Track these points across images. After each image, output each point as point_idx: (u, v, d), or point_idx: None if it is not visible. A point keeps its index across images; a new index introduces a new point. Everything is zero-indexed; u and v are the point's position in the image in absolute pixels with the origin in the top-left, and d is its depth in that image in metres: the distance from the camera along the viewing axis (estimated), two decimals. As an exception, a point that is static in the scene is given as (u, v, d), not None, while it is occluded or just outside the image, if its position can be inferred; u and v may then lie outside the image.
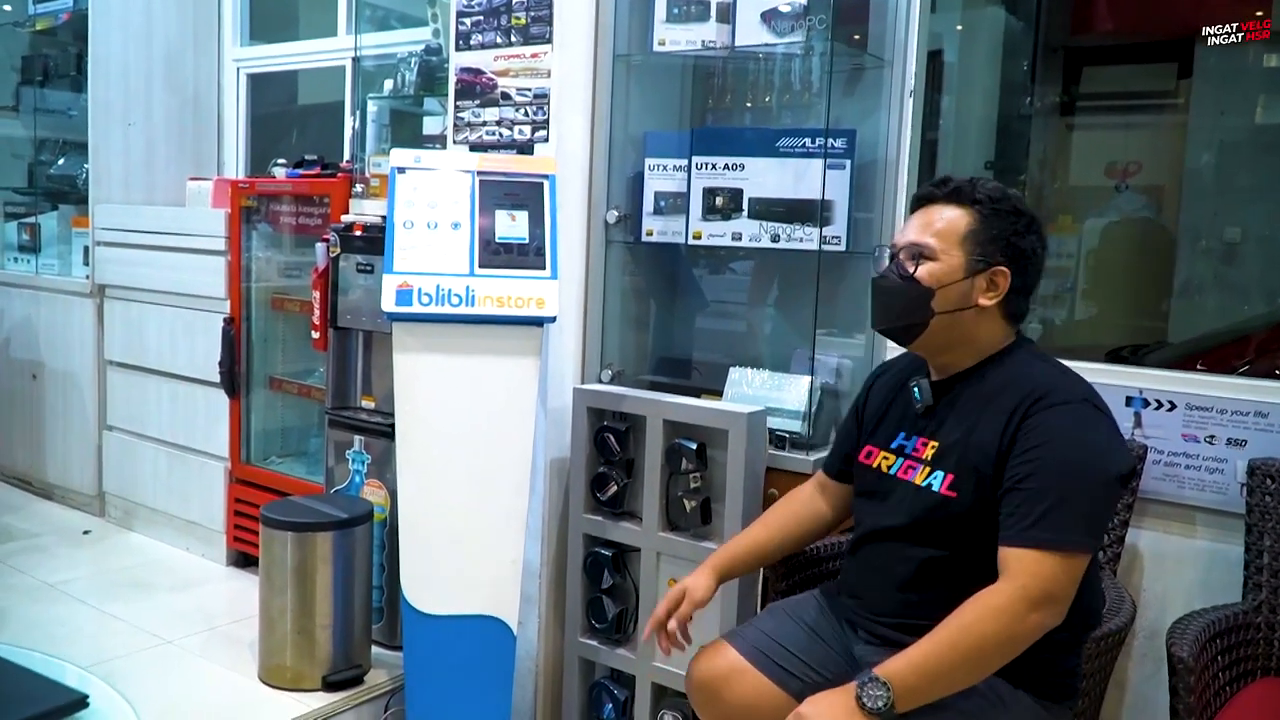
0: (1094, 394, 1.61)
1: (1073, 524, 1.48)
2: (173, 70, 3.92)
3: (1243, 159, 3.45)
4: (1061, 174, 3.89)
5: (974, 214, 1.65)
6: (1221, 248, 3.51)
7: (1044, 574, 1.46)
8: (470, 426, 2.21)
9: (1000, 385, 1.63)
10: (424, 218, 2.21)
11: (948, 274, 1.64)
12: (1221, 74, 3.49)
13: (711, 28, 2.48)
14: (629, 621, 2.51)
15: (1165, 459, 2.15)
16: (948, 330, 1.67)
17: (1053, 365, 1.66)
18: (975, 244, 1.64)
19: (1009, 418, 1.57)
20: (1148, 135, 3.74)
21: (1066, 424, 1.53)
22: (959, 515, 1.61)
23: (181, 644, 2.82)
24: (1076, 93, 3.82)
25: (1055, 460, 1.51)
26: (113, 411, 3.89)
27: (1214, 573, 2.11)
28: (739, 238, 2.51)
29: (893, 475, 1.73)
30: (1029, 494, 1.50)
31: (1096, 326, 3.65)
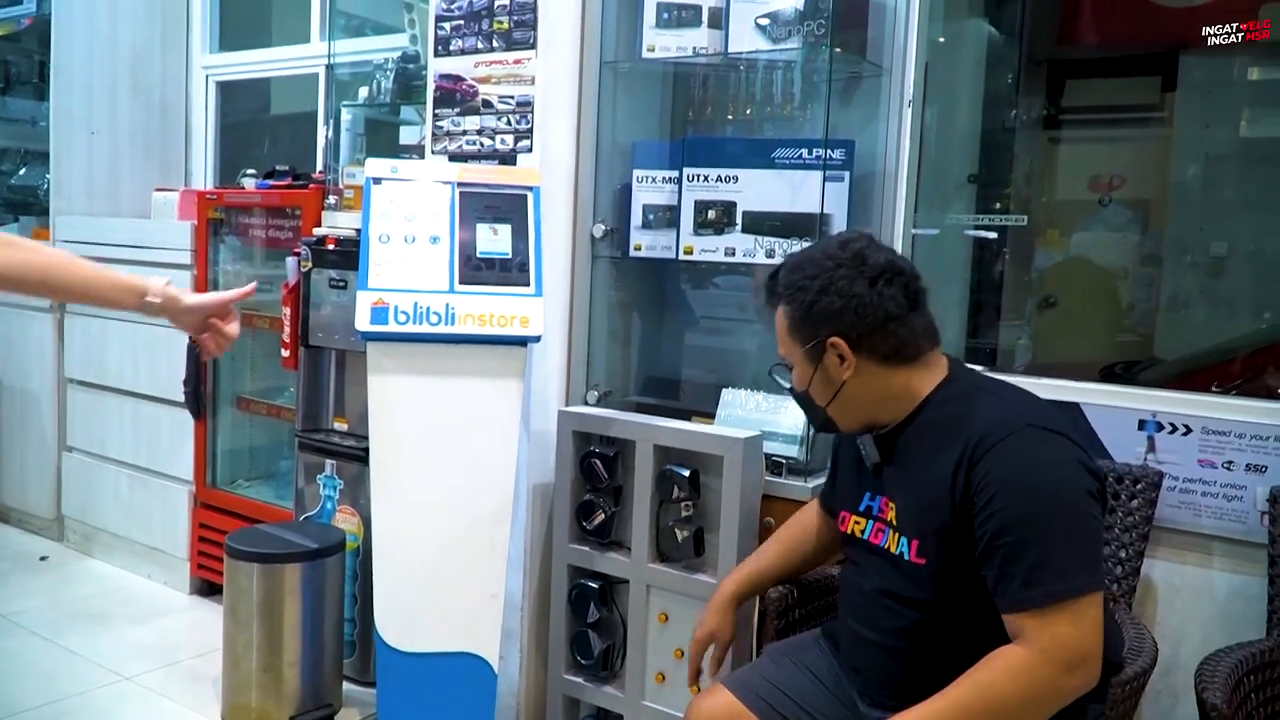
0: (1035, 411, 1.50)
1: (1068, 569, 1.36)
2: (139, 77, 3.84)
3: (1228, 172, 3.44)
4: (1047, 188, 3.88)
5: (784, 307, 1.61)
6: (1208, 262, 3.49)
7: (1061, 632, 1.35)
8: (449, 451, 2.14)
9: (938, 429, 1.53)
10: (401, 231, 2.14)
11: (803, 374, 1.62)
12: (1206, 87, 3.49)
13: (703, 33, 2.40)
14: (616, 658, 2.41)
15: (1181, 485, 2.08)
16: (853, 407, 1.61)
17: (990, 394, 1.55)
18: (799, 335, 1.59)
19: (955, 468, 1.46)
20: (1132, 148, 3.74)
21: (1018, 460, 1.42)
22: (933, 580, 1.52)
23: (140, 681, 2.71)
24: (1061, 106, 3.81)
25: (1019, 505, 1.39)
26: (73, 432, 3.79)
27: (1233, 606, 2.04)
28: (732, 253, 2.42)
29: (866, 540, 1.65)
30: (1008, 552, 1.38)
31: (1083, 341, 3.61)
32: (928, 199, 3.04)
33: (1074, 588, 1.35)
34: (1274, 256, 3.30)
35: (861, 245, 1.56)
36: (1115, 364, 3.44)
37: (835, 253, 1.56)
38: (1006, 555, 1.38)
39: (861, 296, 1.53)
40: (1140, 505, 2.03)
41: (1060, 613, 1.35)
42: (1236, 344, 3.30)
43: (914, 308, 1.56)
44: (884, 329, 1.53)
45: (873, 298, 1.53)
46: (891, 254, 1.58)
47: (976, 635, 1.43)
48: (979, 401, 1.52)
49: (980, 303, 3.48)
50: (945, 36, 3.25)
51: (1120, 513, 2.04)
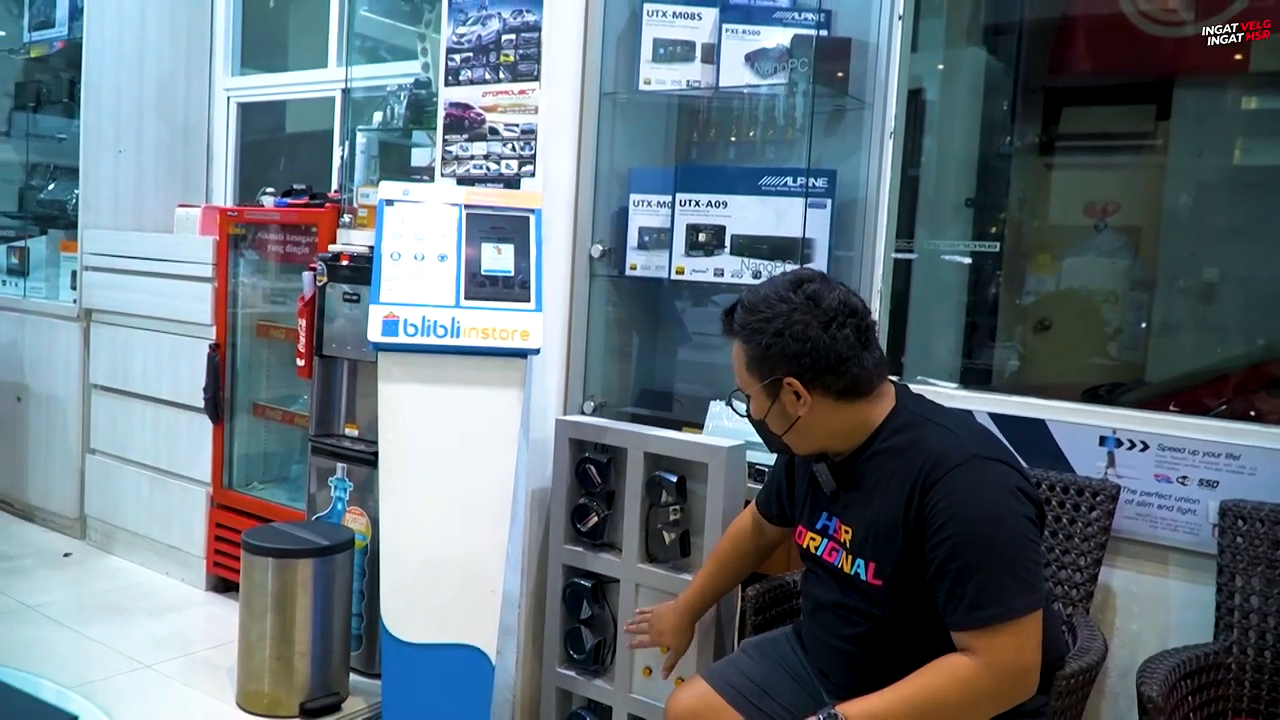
0: (981, 442, 1.59)
1: (1010, 591, 1.47)
2: (164, 98, 3.95)
3: (1221, 200, 3.49)
4: (1041, 213, 3.93)
5: (741, 344, 1.67)
6: (1200, 287, 3.55)
7: (1003, 646, 1.47)
8: (453, 456, 2.22)
9: (890, 458, 1.61)
10: (411, 249, 2.24)
11: (760, 406, 1.68)
12: (1199, 115, 3.54)
13: (696, 68, 2.53)
14: (607, 652, 2.51)
15: (1138, 499, 2.16)
16: (806, 438, 1.68)
17: (936, 425, 1.62)
18: (756, 370, 1.65)
19: (908, 497, 1.55)
20: (1126, 175, 3.78)
21: (964, 490, 1.51)
22: (888, 599, 1.62)
23: (159, 669, 2.80)
24: (1055, 132, 3.87)
25: (966, 533, 1.49)
26: (96, 435, 3.87)
27: (1187, 613, 2.12)
28: (721, 274, 2.54)
29: (820, 557, 1.74)
30: (956, 575, 1.49)
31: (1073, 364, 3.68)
32: (925, 223, 3.13)
33: (1016, 609, 1.46)
34: (1265, 282, 3.33)
35: (815, 287, 1.62)
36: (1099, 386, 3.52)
37: (789, 295, 1.61)
38: (955, 579, 1.49)
39: (815, 340, 1.58)
40: (1099, 516, 2.11)
41: (1003, 631, 1.46)
42: (1219, 367, 3.37)
43: (865, 346, 1.62)
44: (837, 369, 1.59)
45: (826, 340, 1.58)
46: (844, 293, 1.63)
47: (928, 642, 1.54)
48: (926, 432, 1.60)
49: (975, 324, 3.56)
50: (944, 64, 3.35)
51: (1080, 523, 2.12)
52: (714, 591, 2.08)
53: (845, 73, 2.47)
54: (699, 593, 2.07)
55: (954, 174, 3.36)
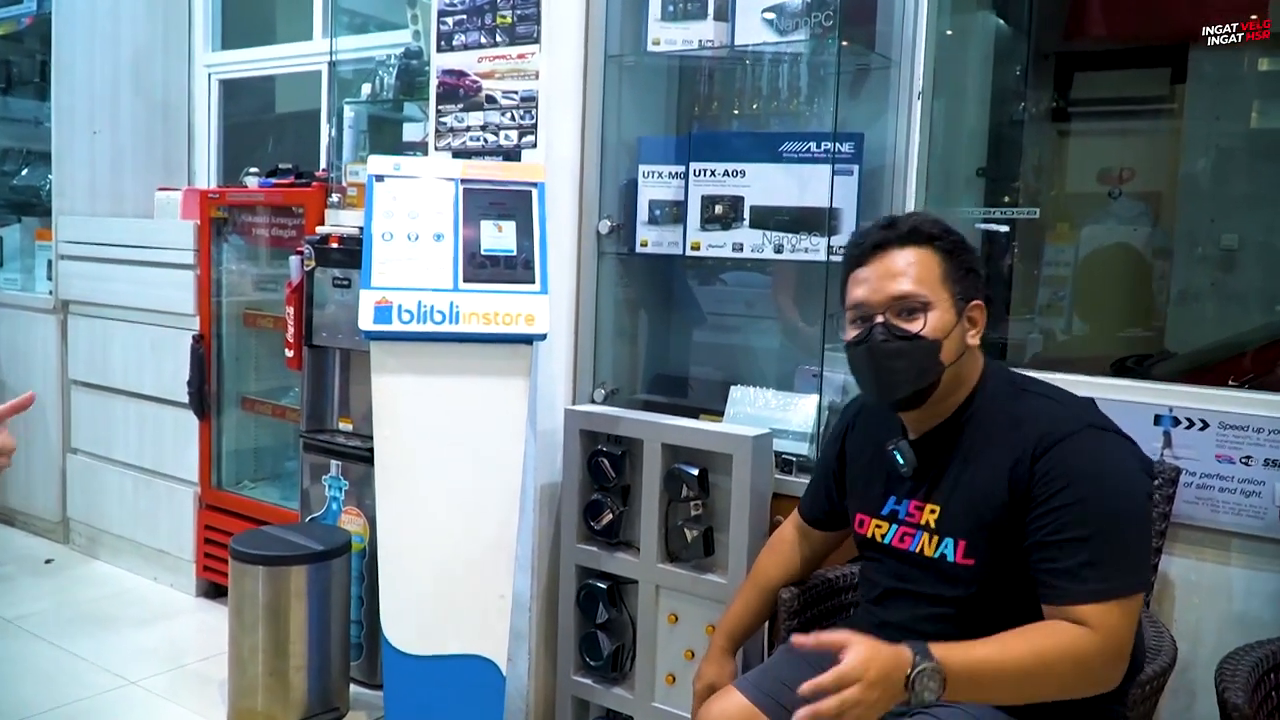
0: (1092, 413, 1.50)
1: (1128, 568, 1.38)
2: (141, 76, 3.81)
3: (1239, 164, 3.41)
4: (1057, 181, 3.86)
5: (939, 253, 1.53)
6: (1219, 255, 3.47)
7: (1117, 627, 1.36)
8: (455, 451, 2.12)
9: (989, 427, 1.51)
10: (404, 229, 2.12)
11: (947, 322, 1.50)
12: (1216, 79, 3.46)
13: (709, 26, 2.37)
14: (625, 659, 2.40)
15: (1198, 481, 2.04)
16: (950, 380, 1.54)
17: (1035, 394, 1.54)
18: (953, 284, 1.52)
19: (1014, 464, 1.45)
20: (1142, 141, 3.72)
21: (1084, 460, 1.42)
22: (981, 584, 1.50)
23: (146, 685, 2.69)
24: (1069, 99, 3.78)
25: (1089, 503, 1.39)
26: (77, 434, 3.77)
27: (1252, 603, 2.01)
28: (740, 248, 2.39)
29: (889, 544, 1.61)
30: (1071, 545, 1.38)
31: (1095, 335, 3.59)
32: (937, 193, 3.02)
33: (1130, 584, 1.37)
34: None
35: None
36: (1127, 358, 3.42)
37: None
38: (1068, 550, 1.38)
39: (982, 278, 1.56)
40: (1157, 501, 1.99)
41: (1116, 608, 1.36)
42: (1248, 337, 3.27)
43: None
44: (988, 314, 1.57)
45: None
46: None
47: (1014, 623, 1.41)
48: (1028, 401, 1.51)
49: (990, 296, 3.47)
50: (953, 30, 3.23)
51: None
52: (756, 620, 1.91)
53: (870, 29, 2.32)
54: (739, 623, 1.89)
55: (965, 143, 3.28)
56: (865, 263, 1.54)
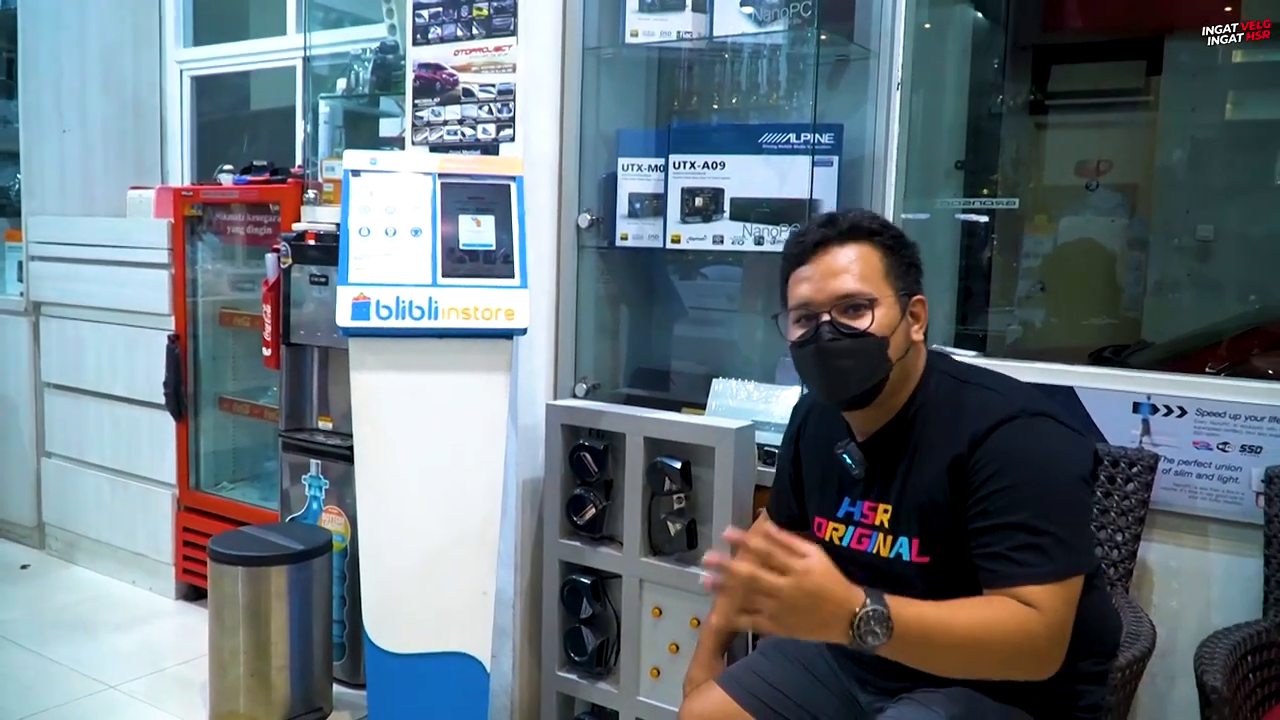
0: (1030, 397, 1.50)
1: (1067, 550, 1.36)
2: (111, 73, 3.75)
3: (1214, 156, 3.46)
4: (1034, 173, 3.88)
5: (880, 249, 1.52)
6: (1195, 245, 3.50)
7: (1059, 609, 1.34)
8: (436, 448, 2.11)
9: (934, 423, 1.51)
10: (381, 224, 2.10)
11: (893, 318, 1.50)
12: (1191, 71, 3.49)
13: (687, 17, 2.37)
14: (611, 653, 2.39)
15: (1176, 468, 2.06)
16: (897, 376, 1.53)
17: (975, 386, 1.52)
18: (895, 279, 1.51)
19: (955, 456, 1.45)
20: (1119, 133, 3.76)
21: (1015, 446, 1.41)
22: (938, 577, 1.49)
23: (126, 689, 2.66)
24: (1047, 91, 3.80)
25: (1024, 487, 1.38)
26: (51, 437, 3.72)
27: (1231, 588, 2.03)
28: (720, 240, 2.39)
29: (847, 547, 1.60)
30: (1005, 530, 1.38)
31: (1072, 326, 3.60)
32: (916, 186, 3.02)
33: (1071, 567, 1.36)
34: (1260, 239, 3.32)
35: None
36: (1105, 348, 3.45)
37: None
38: (1002, 534, 1.37)
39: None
40: (1136, 488, 2.01)
41: (1060, 590, 1.34)
42: (1224, 327, 3.31)
43: None
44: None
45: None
46: None
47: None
48: (971, 394, 1.50)
49: (970, 288, 3.48)
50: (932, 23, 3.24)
51: (1116, 496, 2.02)
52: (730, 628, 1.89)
53: (849, 20, 2.32)
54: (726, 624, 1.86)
55: (944, 136, 3.28)
56: (806, 261, 1.52)
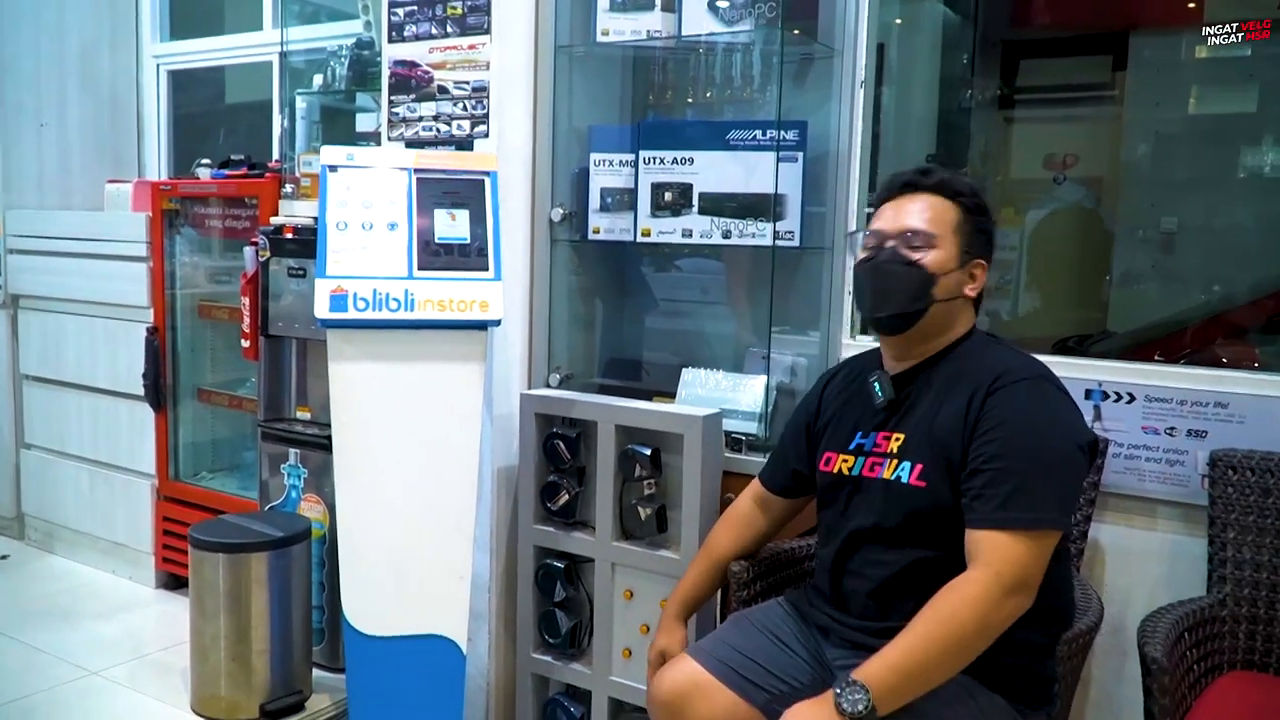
0: (1050, 372, 1.62)
1: (1043, 502, 1.47)
2: (88, 68, 3.76)
3: (1178, 149, 3.53)
4: (1003, 166, 3.94)
5: (959, 207, 1.67)
6: (1160, 237, 3.57)
7: (1016, 558, 1.44)
8: (412, 436, 2.14)
9: (958, 371, 1.64)
10: (358, 218, 2.13)
11: (948, 262, 1.64)
12: (1155, 66, 3.56)
13: (656, 17, 2.42)
14: (584, 635, 2.44)
15: (1126, 452, 2.14)
16: (937, 319, 1.66)
17: (1006, 348, 1.68)
18: (963, 236, 1.66)
19: (969, 400, 1.57)
20: (1085, 127, 3.81)
21: (1026, 401, 1.54)
22: (932, 508, 1.58)
23: (108, 675, 2.69)
24: (1015, 86, 3.86)
25: (1019, 438, 1.50)
26: (30, 429, 3.74)
27: (1178, 566, 2.11)
28: (689, 234, 2.45)
29: (855, 476, 1.70)
30: (995, 474, 1.49)
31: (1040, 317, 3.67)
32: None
33: (1044, 520, 1.46)
34: (1222, 231, 3.38)
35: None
36: (1069, 338, 3.53)
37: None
38: (993, 476, 1.48)
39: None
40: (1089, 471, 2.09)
41: (1021, 540, 1.45)
42: (1185, 316, 3.39)
43: None
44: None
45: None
46: None
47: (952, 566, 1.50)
48: (996, 351, 1.65)
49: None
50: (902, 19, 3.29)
51: None
52: (707, 591, 1.99)
53: (813, 19, 2.38)
54: (691, 594, 1.96)
55: (915, 130, 3.35)
56: (891, 199, 1.70)
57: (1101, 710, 2.20)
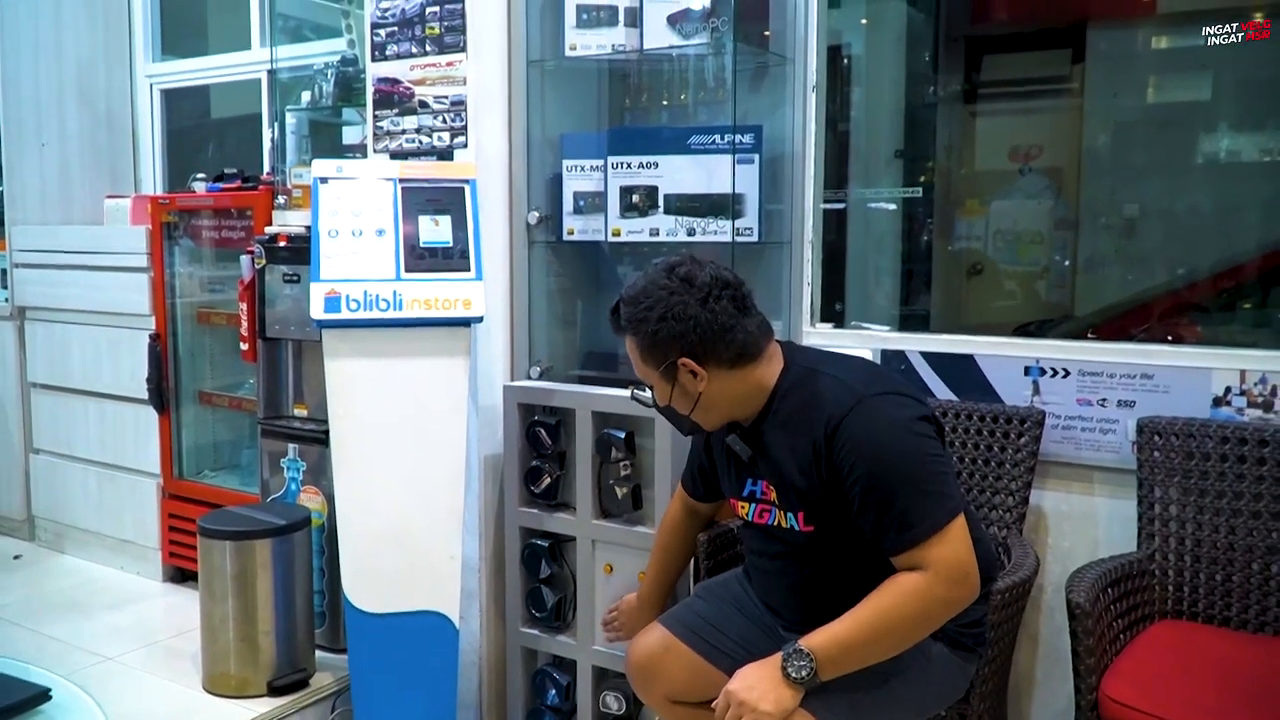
0: (867, 382, 1.68)
1: (932, 503, 1.58)
2: (85, 88, 3.86)
3: (1137, 138, 3.62)
4: (968, 159, 4.04)
5: (632, 337, 1.74)
6: (1121, 223, 3.69)
7: (943, 556, 1.57)
8: (404, 428, 2.26)
9: (791, 416, 1.71)
10: (348, 226, 2.26)
11: (663, 392, 1.75)
12: (1113, 58, 3.67)
13: (620, 32, 2.56)
14: (568, 609, 2.58)
15: (1062, 423, 2.28)
16: (712, 411, 1.75)
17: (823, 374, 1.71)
18: (652, 359, 1.72)
19: (812, 454, 1.66)
20: (1047, 119, 3.88)
21: (864, 431, 1.61)
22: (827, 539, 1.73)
23: (123, 660, 2.81)
24: (978, 80, 3.97)
25: (877, 468, 1.59)
26: (39, 434, 3.83)
27: (1114, 527, 2.25)
28: (656, 233, 2.59)
29: (753, 521, 1.84)
30: (879, 507, 1.60)
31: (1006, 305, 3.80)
32: (859, 175, 3.21)
33: (939, 520, 1.58)
34: (1181, 215, 3.49)
35: (687, 269, 1.70)
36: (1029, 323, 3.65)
37: (665, 281, 1.69)
38: (878, 511, 1.60)
39: (697, 316, 1.66)
40: (1027, 442, 2.23)
41: (938, 541, 1.57)
42: (1138, 298, 3.52)
43: (745, 313, 1.71)
44: (723, 339, 1.68)
45: (706, 315, 1.66)
46: (715, 269, 1.71)
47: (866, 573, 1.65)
48: (818, 385, 1.70)
49: (911, 271, 3.67)
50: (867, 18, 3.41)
51: (1010, 450, 2.24)
52: (667, 580, 2.16)
53: (766, 30, 2.53)
54: (655, 585, 2.16)
55: (883, 126, 3.43)
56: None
57: (1050, 664, 2.34)
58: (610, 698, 2.49)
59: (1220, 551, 2.07)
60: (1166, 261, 3.54)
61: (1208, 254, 3.36)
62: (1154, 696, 1.76)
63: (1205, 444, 2.08)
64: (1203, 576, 2.10)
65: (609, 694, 2.49)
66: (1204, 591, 2.10)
